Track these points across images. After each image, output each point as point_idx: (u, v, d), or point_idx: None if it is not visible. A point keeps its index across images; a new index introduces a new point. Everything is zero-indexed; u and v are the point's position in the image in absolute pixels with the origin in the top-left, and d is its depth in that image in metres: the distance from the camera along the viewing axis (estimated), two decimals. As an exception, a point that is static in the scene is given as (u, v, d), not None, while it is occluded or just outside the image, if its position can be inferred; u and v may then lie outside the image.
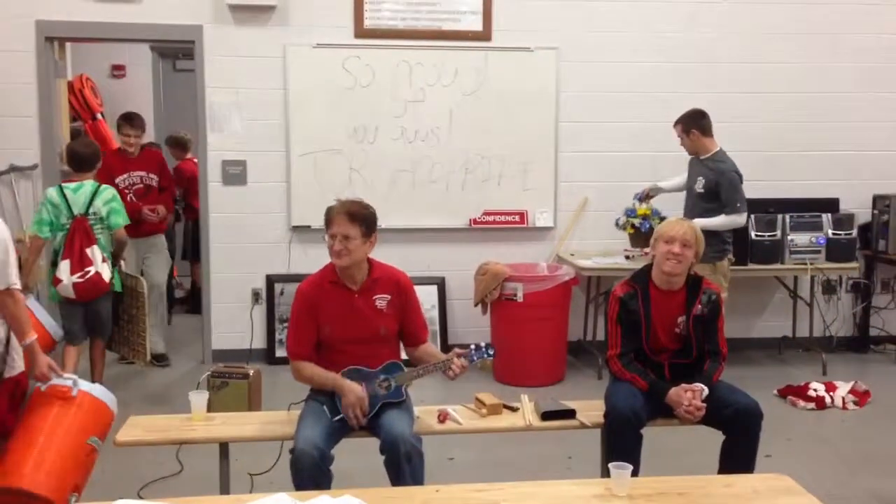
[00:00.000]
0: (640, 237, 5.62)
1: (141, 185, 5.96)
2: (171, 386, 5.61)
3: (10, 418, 3.17)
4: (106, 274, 4.82)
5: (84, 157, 4.97)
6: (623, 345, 3.45)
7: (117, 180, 5.76)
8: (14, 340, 3.19)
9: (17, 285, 3.11)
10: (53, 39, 5.93)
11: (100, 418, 3.31)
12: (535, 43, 6.12)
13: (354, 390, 3.17)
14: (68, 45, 6.69)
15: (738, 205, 5.08)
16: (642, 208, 5.60)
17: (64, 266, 4.74)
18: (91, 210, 4.84)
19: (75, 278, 4.73)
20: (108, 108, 8.19)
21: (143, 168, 6.00)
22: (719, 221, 5.08)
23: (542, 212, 6.25)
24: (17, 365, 3.22)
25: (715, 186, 5.08)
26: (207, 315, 6.13)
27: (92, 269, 4.75)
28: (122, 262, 5.21)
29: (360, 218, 3.23)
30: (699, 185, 5.14)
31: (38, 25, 5.77)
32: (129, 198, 5.77)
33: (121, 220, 4.97)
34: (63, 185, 4.95)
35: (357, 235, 3.20)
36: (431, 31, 6.05)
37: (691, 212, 5.13)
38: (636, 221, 5.58)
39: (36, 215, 4.94)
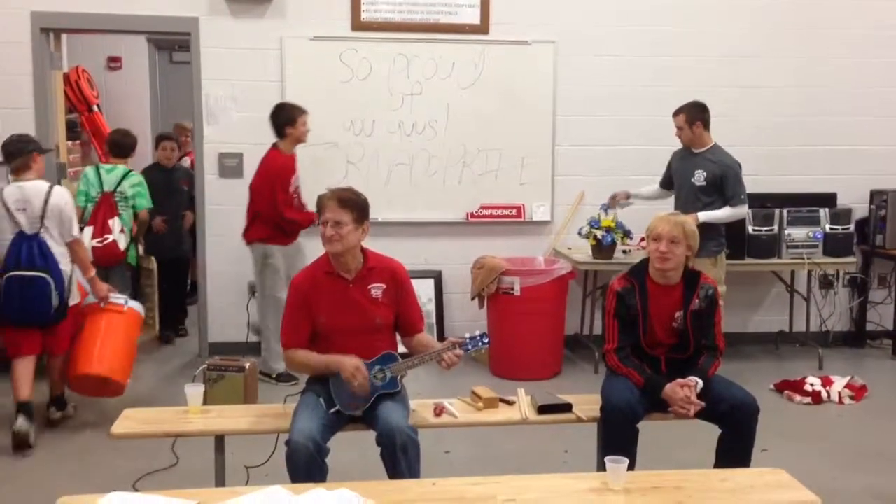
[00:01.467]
0: (602, 250, 5.62)
1: (296, 188, 5.50)
2: (166, 379, 5.60)
3: (73, 334, 4.63)
4: (122, 244, 5.49)
5: (123, 144, 5.79)
6: (620, 339, 3.44)
7: (291, 187, 5.38)
8: (73, 278, 4.55)
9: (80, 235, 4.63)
10: (49, 31, 5.90)
11: (140, 324, 4.92)
12: (533, 36, 6.11)
13: (349, 363, 3.15)
14: (64, 36, 6.65)
15: (743, 196, 5.17)
16: (606, 220, 5.61)
17: (87, 231, 5.34)
18: (118, 189, 5.57)
19: (94, 243, 5.37)
20: (104, 101, 8.18)
21: (296, 169, 5.52)
22: (724, 213, 5.13)
23: (539, 205, 6.24)
24: (75, 297, 4.60)
25: (719, 179, 5.11)
26: (204, 308, 6.12)
27: (110, 237, 5.45)
28: (141, 246, 5.87)
29: (352, 204, 3.23)
30: (699, 178, 5.15)
31: (33, 16, 5.74)
32: (295, 201, 5.45)
33: (145, 202, 5.73)
34: (100, 165, 5.73)
35: (348, 221, 3.19)
36: (428, 25, 6.03)
37: (687, 205, 5.13)
38: (599, 233, 5.59)
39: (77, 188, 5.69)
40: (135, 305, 4.89)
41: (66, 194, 4.55)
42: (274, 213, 5.31)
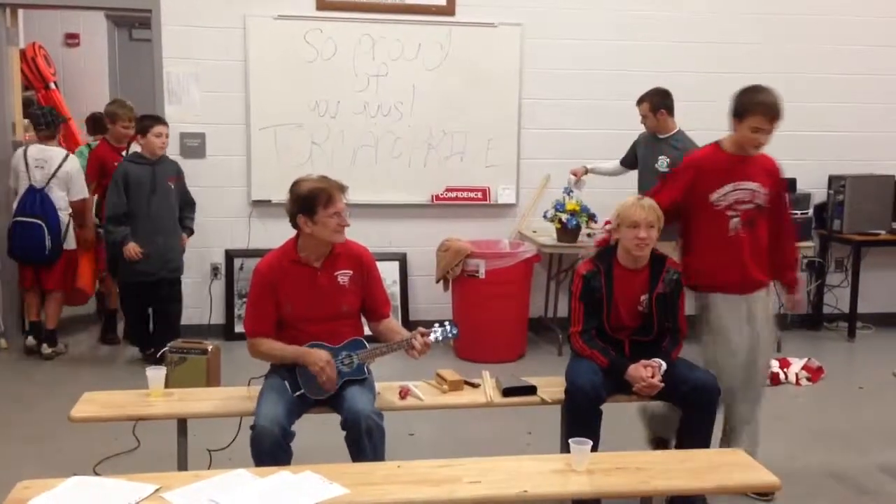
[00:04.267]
0: (567, 233, 5.65)
1: (751, 206, 3.56)
2: (126, 362, 5.53)
3: (70, 272, 5.61)
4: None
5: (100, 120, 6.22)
6: (585, 322, 3.46)
7: (713, 197, 3.53)
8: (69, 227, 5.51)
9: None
10: (5, 6, 5.76)
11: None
12: (499, 19, 6.08)
13: (318, 356, 3.14)
14: (21, 11, 6.48)
15: None
16: (571, 203, 5.63)
17: None
18: None
19: None
20: (61, 78, 8.00)
21: (754, 177, 3.60)
22: None
23: (505, 188, 6.25)
24: (72, 244, 5.54)
25: None
26: (165, 290, 6.03)
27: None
28: None
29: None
30: (662, 164, 5.19)
31: (-13, -10, 5.59)
32: (731, 223, 3.51)
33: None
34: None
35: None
36: (394, 5, 5.98)
37: (649, 189, 5.17)
38: (564, 217, 5.61)
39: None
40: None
41: (77, 162, 5.55)
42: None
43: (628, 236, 3.41)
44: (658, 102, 5.21)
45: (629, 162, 5.61)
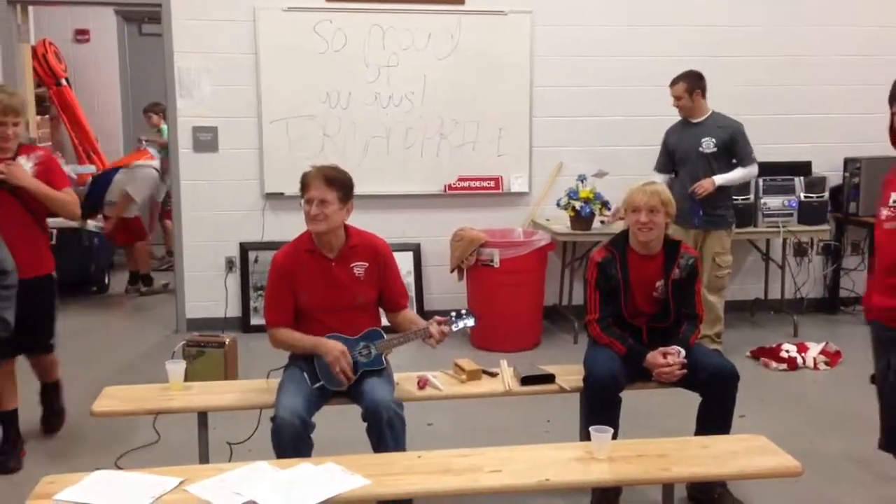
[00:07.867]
0: (581, 221, 5.63)
1: None
2: (143, 356, 5.56)
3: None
4: None
5: None
6: (602, 309, 3.46)
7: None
8: None
9: None
10: (16, 3, 5.77)
11: None
12: (509, 6, 6.05)
13: (334, 347, 3.15)
14: (31, 8, 6.51)
15: (753, 155, 5.27)
16: (585, 191, 5.61)
17: None
18: None
19: None
20: (72, 74, 8.03)
21: None
22: (739, 174, 5.25)
23: (517, 177, 6.23)
24: None
25: (730, 143, 5.18)
26: (181, 284, 6.06)
27: None
28: None
29: (338, 183, 3.19)
30: (708, 146, 5.19)
31: (-2, -12, 5.60)
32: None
33: None
34: None
35: (334, 200, 3.16)
36: (404, -6, 5.97)
37: (697, 176, 5.16)
38: (577, 204, 5.59)
39: None
40: None
41: None
42: None
43: (632, 220, 3.42)
44: (693, 84, 5.23)
45: (664, 166, 5.49)
